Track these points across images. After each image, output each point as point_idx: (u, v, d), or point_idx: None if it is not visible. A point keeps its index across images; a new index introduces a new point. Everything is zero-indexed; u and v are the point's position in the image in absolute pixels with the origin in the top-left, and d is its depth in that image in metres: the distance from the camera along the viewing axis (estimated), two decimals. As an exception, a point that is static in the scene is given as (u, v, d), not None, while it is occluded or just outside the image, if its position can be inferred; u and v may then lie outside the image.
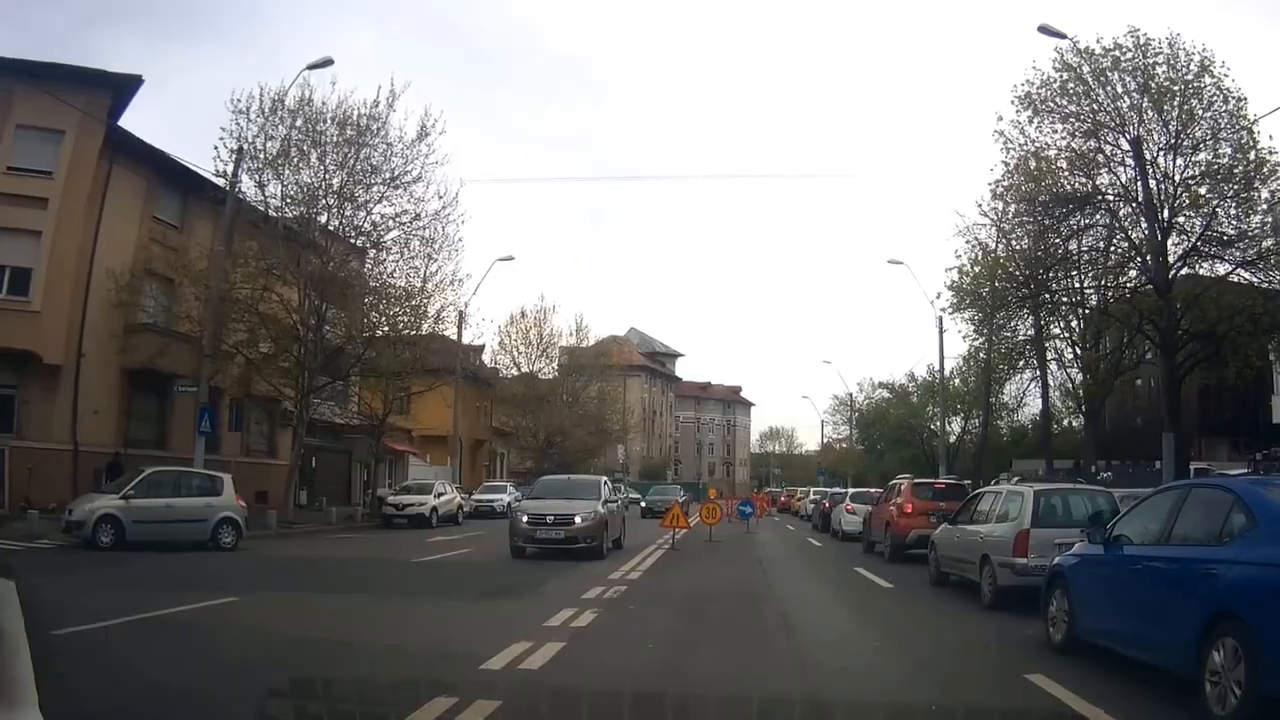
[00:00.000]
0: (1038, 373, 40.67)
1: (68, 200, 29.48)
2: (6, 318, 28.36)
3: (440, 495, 39.43)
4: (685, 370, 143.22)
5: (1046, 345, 37.77)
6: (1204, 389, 39.16)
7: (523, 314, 69.02)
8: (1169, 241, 27.87)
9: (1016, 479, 20.84)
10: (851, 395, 77.89)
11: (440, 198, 34.68)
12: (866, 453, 76.71)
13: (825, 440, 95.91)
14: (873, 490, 34.92)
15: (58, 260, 29.25)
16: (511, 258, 46.42)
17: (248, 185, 31.92)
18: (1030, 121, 28.95)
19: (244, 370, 33.55)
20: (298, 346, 33.42)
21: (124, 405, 32.17)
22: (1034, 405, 53.13)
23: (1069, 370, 40.47)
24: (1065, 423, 55.31)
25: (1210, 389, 38.89)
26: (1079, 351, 37.28)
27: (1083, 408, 39.18)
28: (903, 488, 24.99)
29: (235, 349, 32.84)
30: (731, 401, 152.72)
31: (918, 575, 19.28)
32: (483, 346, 64.32)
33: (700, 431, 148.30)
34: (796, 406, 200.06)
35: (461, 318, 43.94)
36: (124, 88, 30.94)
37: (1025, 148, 29.20)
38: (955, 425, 61.20)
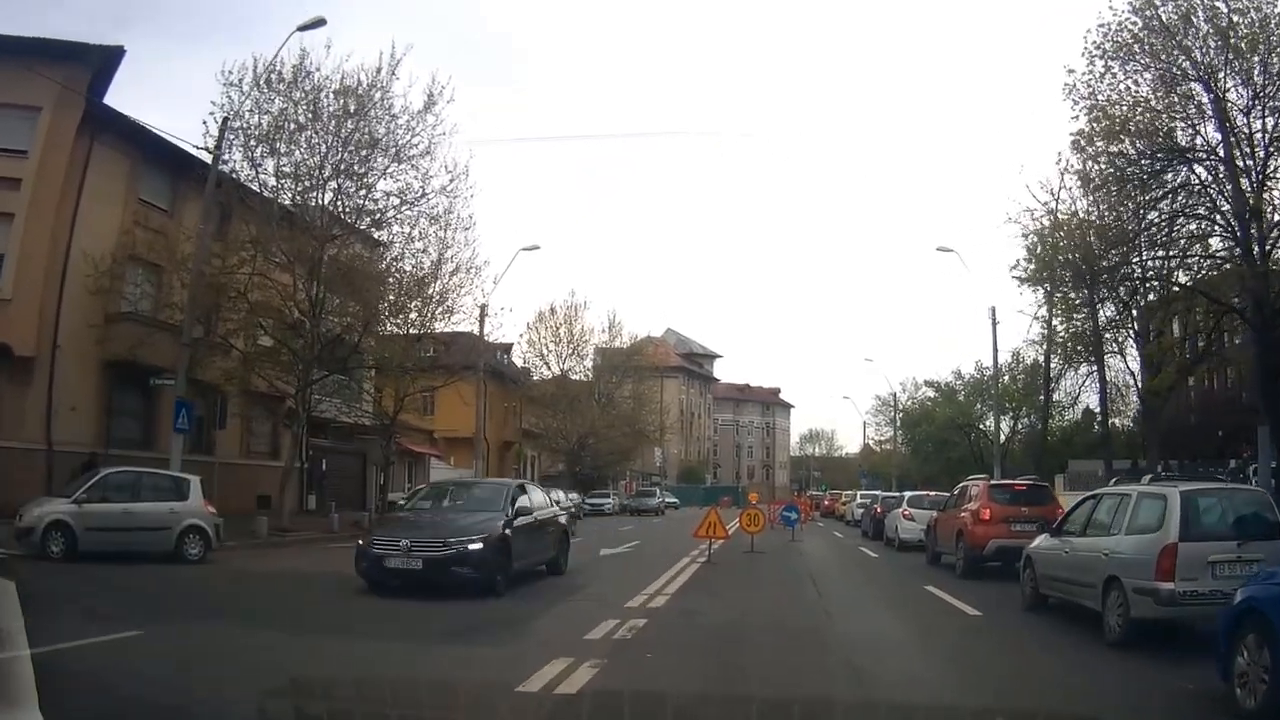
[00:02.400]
0: (1094, 368, 37.67)
1: (42, 181, 26.91)
2: None
3: (461, 501, 36.07)
4: (723, 372, 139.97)
5: (1105, 337, 34.65)
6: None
7: (552, 310, 66.15)
8: (1262, 205, 24.66)
9: (1149, 478, 17.03)
10: (895, 395, 74.59)
11: (448, 170, 31.92)
12: (913, 454, 72.88)
13: (869, 441, 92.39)
14: (930, 494, 31.92)
15: (30, 245, 26.63)
16: (537, 247, 43.42)
17: (241, 164, 29.45)
18: (1102, 77, 25.91)
19: (237, 363, 30.68)
20: (294, 336, 30.70)
21: (104, 401, 29.34)
22: (1086, 403, 50.41)
23: (1129, 361, 37.35)
24: (1112, 422, 52.05)
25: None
26: (1141, 341, 34.24)
27: (1143, 403, 36.19)
28: (978, 491, 21.60)
29: (224, 339, 30.19)
30: (771, 403, 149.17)
31: (1004, 596, 16.13)
32: (510, 345, 61.51)
33: (739, 434, 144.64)
34: (837, 407, 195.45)
35: (483, 311, 40.80)
36: (105, 61, 28.19)
37: (1099, 103, 26.14)
38: (1004, 425, 57.55)
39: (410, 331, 35.31)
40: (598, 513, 56.48)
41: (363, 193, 30.88)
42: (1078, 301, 31.99)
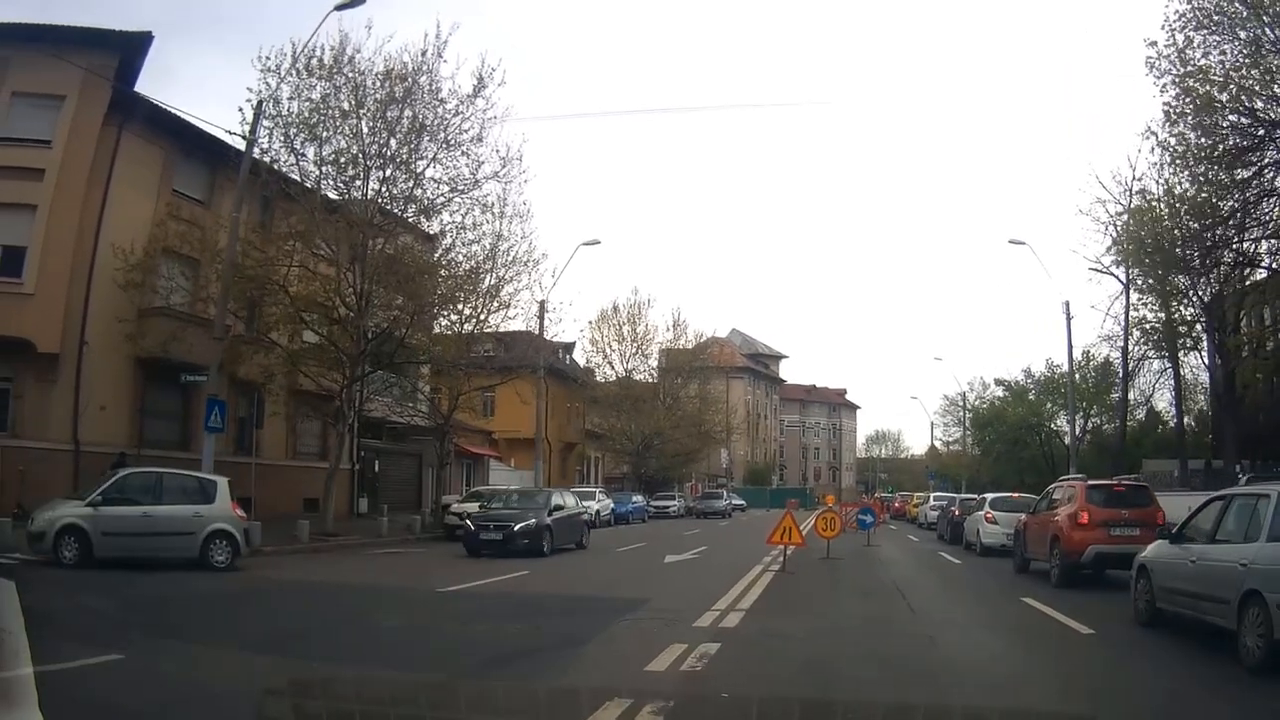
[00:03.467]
0: (1168, 365, 35.44)
1: (67, 171, 25.36)
2: None
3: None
4: (789, 373, 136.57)
5: (1179, 330, 32.37)
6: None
7: (615, 308, 63.75)
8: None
9: (1246, 478, 14.44)
10: (964, 394, 71.54)
11: (500, 155, 29.69)
12: (983, 455, 69.77)
13: (935, 442, 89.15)
14: (1014, 495, 29.41)
15: (55, 238, 25.07)
16: (597, 242, 41.36)
17: (280, 151, 27.46)
18: (1184, 49, 24.14)
19: (279, 359, 28.83)
20: (340, 332, 28.70)
21: (137, 400, 27.63)
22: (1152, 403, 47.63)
23: (1201, 357, 34.83)
24: (1172, 422, 49.34)
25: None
26: (1216, 333, 32.13)
27: (1220, 399, 34.25)
28: (1074, 492, 19.11)
29: (263, 334, 28.34)
30: (837, 404, 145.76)
31: (1111, 609, 14.13)
32: (572, 344, 59.50)
33: (805, 435, 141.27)
34: (904, 408, 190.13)
35: (543, 308, 38.78)
36: (131, 47, 26.48)
37: (1189, 71, 24.19)
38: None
39: (465, 328, 33.51)
40: (663, 515, 54.24)
41: (410, 181, 28.85)
42: (1169, 286, 29.82)
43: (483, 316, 33.77)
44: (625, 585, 17.83)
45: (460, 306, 32.56)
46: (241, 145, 25.29)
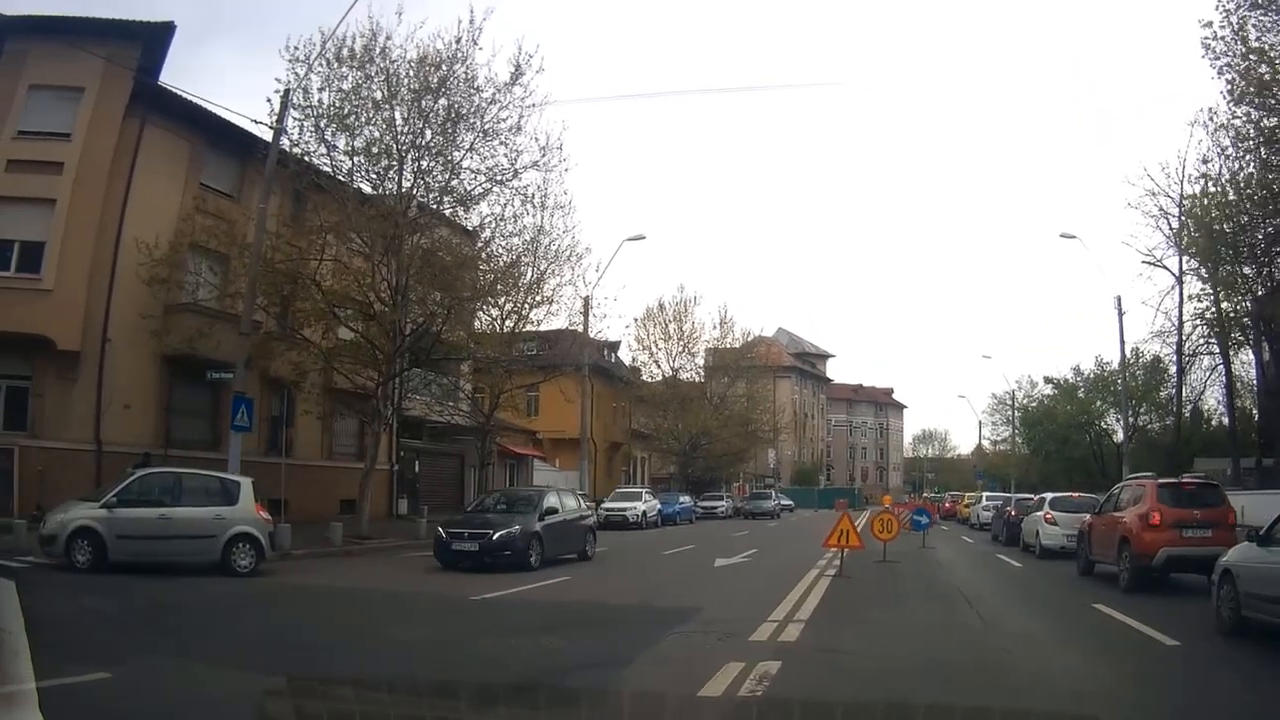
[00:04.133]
0: (1219, 362, 33.85)
1: (87, 165, 24.13)
2: (15, 298, 23.23)
3: (558, 504, 32.39)
4: (836, 372, 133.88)
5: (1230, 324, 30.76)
6: None
7: (660, 306, 61.84)
8: None
9: None
10: (1013, 393, 69.25)
11: (538, 142, 27.85)
12: (1033, 454, 67.61)
13: (983, 441, 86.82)
14: (1075, 495, 27.56)
15: (75, 232, 23.82)
16: (642, 237, 39.98)
17: (311, 142, 25.89)
18: (1240, 29, 23.10)
19: (313, 356, 27.34)
20: (375, 328, 27.11)
21: (163, 398, 26.24)
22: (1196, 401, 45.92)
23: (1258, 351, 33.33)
24: (1217, 421, 47.32)
25: None
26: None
27: (1275, 396, 33.25)
28: (1144, 491, 17.64)
29: (296, 330, 26.95)
30: (884, 404, 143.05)
31: (1188, 616, 12.94)
32: (617, 343, 57.83)
33: (852, 435, 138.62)
34: (951, 407, 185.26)
35: (587, 304, 37.24)
36: (153, 38, 25.27)
37: (1247, 49, 23.05)
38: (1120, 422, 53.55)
39: (505, 324, 32.18)
40: (711, 516, 52.45)
41: (447, 172, 27.18)
42: (1225, 276, 28.25)
43: (524, 312, 32.51)
44: (674, 592, 16.49)
45: (500, 301, 31.21)
46: (269, 135, 23.83)
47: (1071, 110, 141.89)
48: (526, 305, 32.45)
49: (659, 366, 62.17)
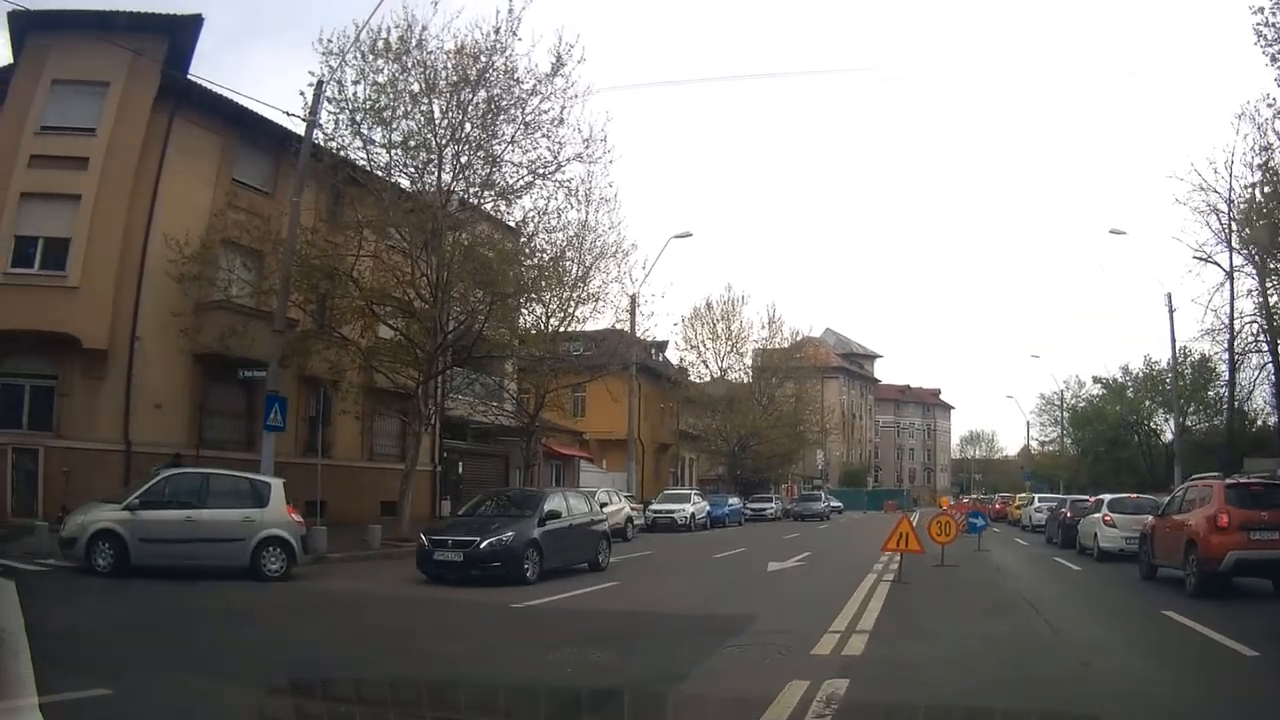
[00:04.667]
0: (1268, 359, 32.39)
1: (113, 160, 23.01)
2: (40, 296, 22.24)
3: (603, 506, 30.76)
4: (883, 372, 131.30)
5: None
6: None
7: (708, 306, 60.10)
8: None
9: None
10: (1062, 393, 67.15)
11: (581, 133, 26.29)
12: (1083, 455, 65.44)
13: (1031, 442, 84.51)
14: (1134, 496, 26.57)
15: (101, 229, 22.72)
16: (689, 234, 38.83)
17: (346, 136, 24.52)
18: None
19: (351, 355, 26.11)
20: (416, 325, 25.85)
21: (195, 398, 25.01)
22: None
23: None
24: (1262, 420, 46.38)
25: None
26: None
27: None
28: (1211, 492, 16.52)
29: (334, 328, 25.74)
30: (931, 404, 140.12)
31: (1261, 622, 12.57)
32: (665, 343, 56.37)
33: (900, 436, 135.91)
34: (998, 408, 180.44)
35: (634, 302, 35.82)
36: (181, 32, 24.16)
37: None
38: (1170, 423, 52.28)
39: (550, 322, 30.94)
40: (760, 518, 51.01)
41: (488, 165, 25.77)
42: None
43: (570, 309, 31.32)
44: (727, 599, 15.56)
45: (545, 297, 29.95)
46: (302, 128, 22.65)
47: (1119, 104, 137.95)
48: (572, 302, 31.32)
49: (707, 367, 60.62)
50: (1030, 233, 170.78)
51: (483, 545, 16.57)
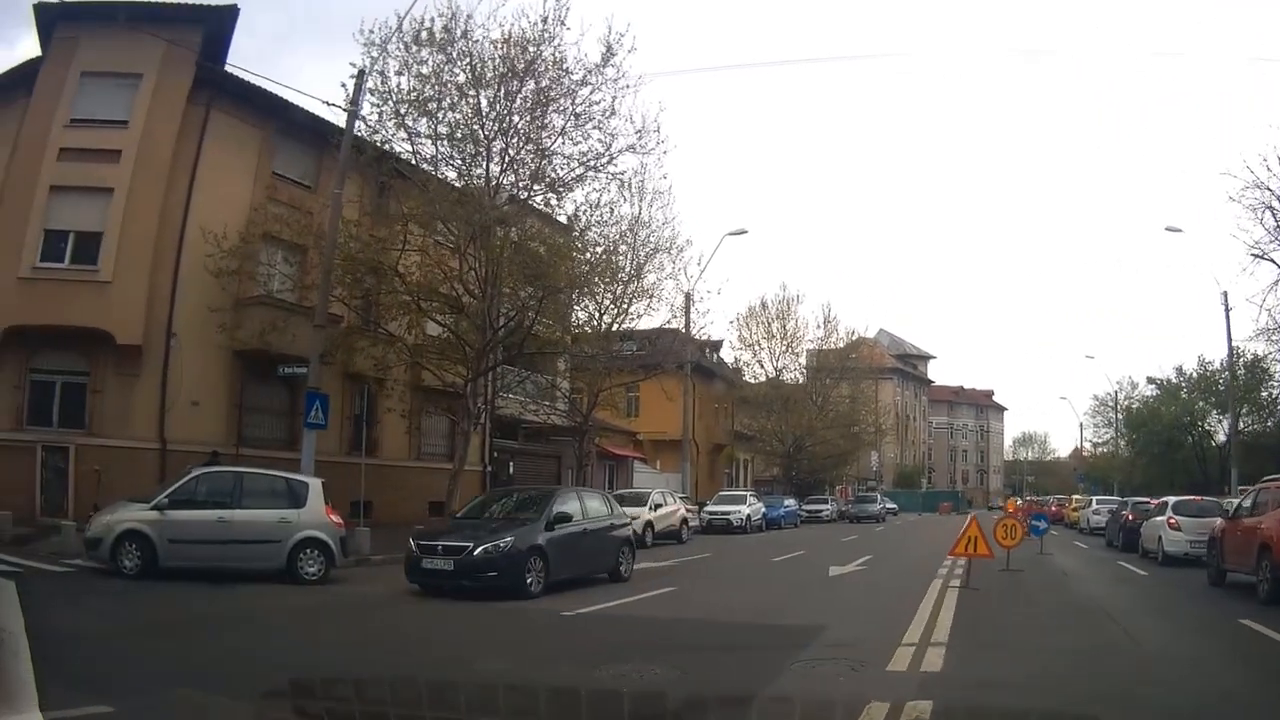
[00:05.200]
0: None
1: (147, 152, 21.83)
2: (71, 290, 21.06)
3: (658, 507, 29.41)
4: (937, 373, 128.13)
5: None
6: None
7: (763, 305, 58.15)
8: None
9: None
10: (1116, 394, 64.84)
11: (633, 124, 24.82)
12: (1138, 455, 63.26)
13: (1084, 443, 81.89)
14: (1199, 499, 25.35)
15: (134, 222, 21.53)
16: (744, 231, 37.56)
17: (390, 128, 23.26)
18: None
19: (398, 351, 24.86)
20: (464, 321, 24.58)
21: (234, 395, 23.69)
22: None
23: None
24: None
25: None
26: None
27: None
28: None
29: (381, 325, 24.63)
30: (984, 406, 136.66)
31: None
32: (719, 343, 54.69)
33: (953, 437, 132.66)
34: (1051, 409, 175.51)
35: (689, 300, 34.23)
36: (216, 22, 22.94)
37: None
38: (1224, 424, 50.85)
39: (604, 319, 29.83)
40: (815, 519, 49.33)
41: (539, 158, 24.46)
42: None
43: (623, 305, 30.14)
44: (792, 607, 14.48)
45: (597, 293, 28.77)
46: (343, 118, 21.39)
47: (1175, 99, 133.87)
48: (625, 298, 30.08)
49: (762, 366, 58.66)
50: (1086, 231, 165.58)
51: (476, 552, 14.13)
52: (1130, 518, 28.39)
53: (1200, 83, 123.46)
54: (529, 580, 14.38)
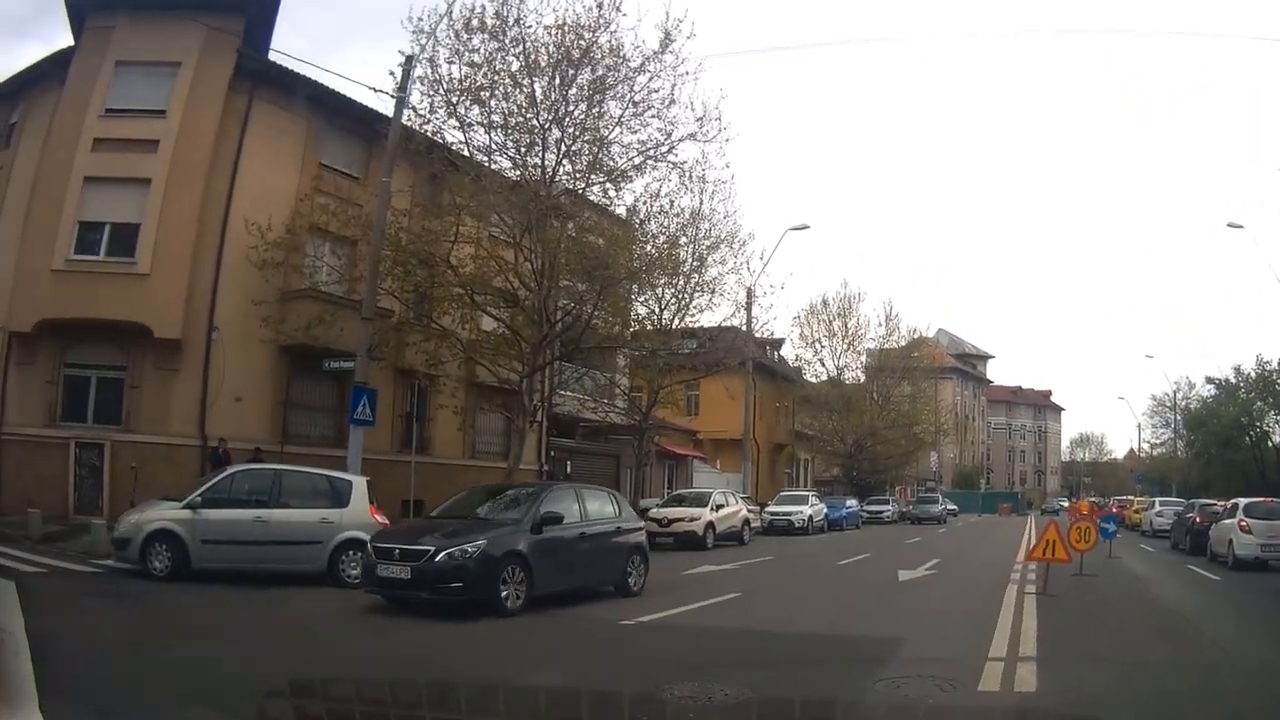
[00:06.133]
0: None
1: (186, 143, 20.43)
2: (107, 283, 19.76)
3: (719, 508, 27.50)
4: (995, 373, 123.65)
5: None
6: None
7: (824, 302, 55.67)
8: None
9: None
10: (1175, 394, 61.65)
11: (694, 112, 23.07)
12: (1196, 457, 60.16)
13: (1140, 444, 78.62)
14: (1270, 501, 23.52)
15: (173, 213, 20.11)
16: (806, 226, 35.87)
17: (442, 117, 21.72)
18: None
19: (449, 346, 23.08)
20: (521, 316, 22.95)
21: (279, 391, 22.07)
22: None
23: None
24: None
25: None
26: None
27: None
28: None
29: (434, 319, 22.93)
30: (1042, 406, 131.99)
31: None
32: (781, 341, 52.41)
33: (1011, 438, 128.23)
34: (1109, 409, 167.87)
35: (750, 295, 32.32)
36: (259, 7, 21.64)
37: None
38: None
39: (664, 314, 28.22)
40: (876, 520, 47.18)
41: (596, 147, 22.80)
42: None
43: (684, 300, 28.40)
44: (863, 616, 13.37)
45: (657, 287, 27.09)
46: (390, 106, 19.88)
47: (1236, 93, 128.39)
48: (686, 292, 28.34)
49: (823, 365, 56.15)
50: (1146, 227, 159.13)
51: (438, 558, 11.35)
52: (1198, 520, 26.81)
53: (1254, 75, 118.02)
54: (504, 593, 11.58)
